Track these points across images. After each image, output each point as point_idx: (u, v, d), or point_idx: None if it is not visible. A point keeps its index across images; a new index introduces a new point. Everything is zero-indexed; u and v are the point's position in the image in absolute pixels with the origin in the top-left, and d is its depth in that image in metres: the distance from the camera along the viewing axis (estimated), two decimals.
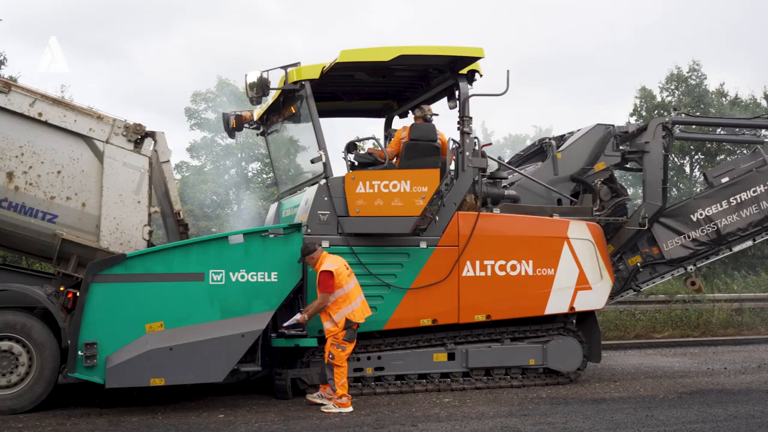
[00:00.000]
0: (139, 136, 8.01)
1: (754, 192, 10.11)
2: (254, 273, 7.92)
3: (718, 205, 10.16)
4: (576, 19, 69.81)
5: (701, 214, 10.18)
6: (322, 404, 7.91)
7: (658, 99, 26.92)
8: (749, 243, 10.30)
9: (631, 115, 26.56)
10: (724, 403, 8.25)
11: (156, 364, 7.49)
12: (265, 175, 25.47)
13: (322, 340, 8.31)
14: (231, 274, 7.84)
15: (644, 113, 26.26)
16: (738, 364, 11.42)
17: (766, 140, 10.73)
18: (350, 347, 7.93)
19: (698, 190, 17.37)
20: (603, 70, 62.52)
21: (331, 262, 7.86)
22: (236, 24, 63.31)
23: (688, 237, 10.19)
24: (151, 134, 8.22)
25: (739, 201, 10.12)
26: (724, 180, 10.30)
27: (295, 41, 63.11)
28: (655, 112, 24.75)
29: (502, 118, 59.63)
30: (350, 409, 7.79)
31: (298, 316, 8.00)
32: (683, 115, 11.60)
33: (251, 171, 28.27)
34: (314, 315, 7.95)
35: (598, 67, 63.49)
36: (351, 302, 7.88)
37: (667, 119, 10.26)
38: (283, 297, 8.05)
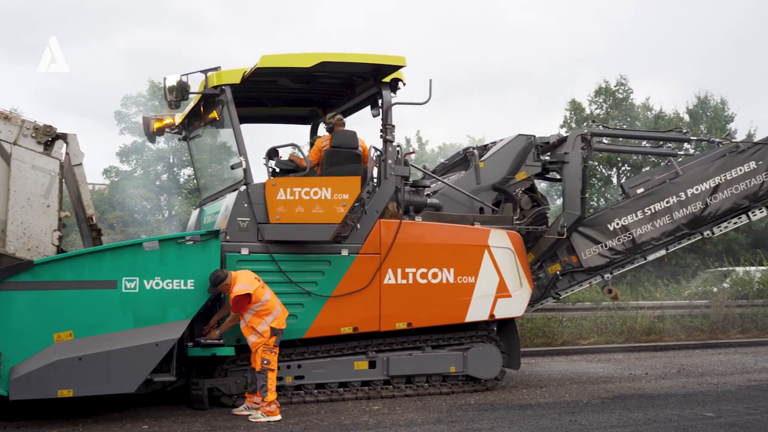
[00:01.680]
0: (49, 138, 7.76)
1: (667, 203, 10.42)
2: (170, 280, 7.76)
3: (633, 215, 10.44)
4: (511, 34, 71.36)
5: (618, 224, 10.44)
6: (249, 414, 7.81)
7: (587, 111, 27.63)
8: (663, 252, 10.59)
9: (562, 126, 27.21)
10: (644, 407, 8.47)
11: (64, 375, 7.23)
12: (202, 181, 25.00)
13: (240, 349, 8.20)
14: (145, 281, 7.66)
15: (574, 125, 26.92)
16: (659, 370, 11.76)
17: (679, 153, 11.07)
18: (277, 350, 7.95)
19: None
20: (537, 83, 63.95)
21: (244, 282, 7.76)
22: (176, 29, 62.21)
23: (605, 246, 10.44)
24: (63, 136, 7.97)
25: (653, 211, 10.42)
26: (640, 191, 10.59)
27: (237, 47, 62.40)
28: (584, 124, 25.41)
29: (436, 127, 60.30)
30: (279, 417, 7.72)
31: (213, 333, 8.03)
32: (601, 126, 11.89)
33: (183, 176, 27.80)
34: (227, 331, 7.98)
35: (533, 80, 64.97)
36: (272, 311, 7.84)
37: (585, 131, 10.51)
38: (200, 305, 7.90)
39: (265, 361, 7.76)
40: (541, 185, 21.38)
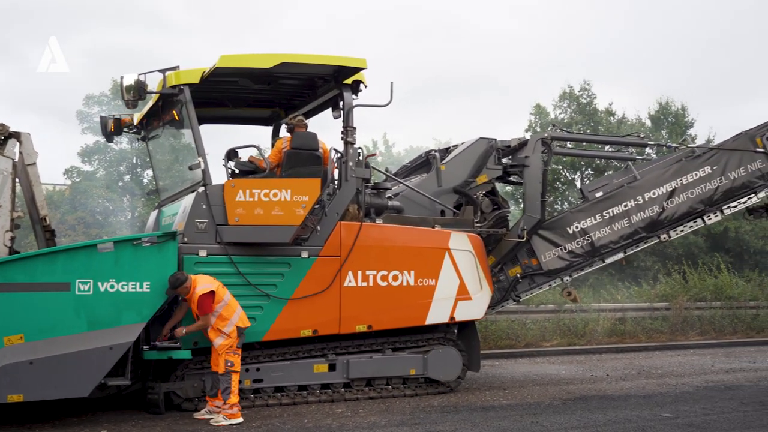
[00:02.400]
0: (2, 137, 7.62)
1: (625, 206, 10.52)
2: (125, 283, 7.65)
3: (592, 218, 10.52)
4: (479, 40, 71.86)
5: (577, 227, 10.52)
6: (211, 418, 7.73)
7: (552, 116, 27.89)
8: (620, 255, 10.68)
9: (527, 130, 27.39)
10: (605, 408, 8.58)
11: (14, 380, 7.09)
12: (161, 182, 24.67)
13: (197, 352, 8.11)
14: (99, 283, 7.54)
15: (538, 129, 27.15)
16: (619, 371, 11.90)
17: (638, 157, 11.21)
18: (240, 351, 7.89)
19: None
20: (503, 88, 64.53)
21: (205, 282, 7.72)
22: (142, 29, 61.36)
23: (565, 249, 10.50)
24: (16, 135, 7.83)
25: (611, 215, 10.51)
26: (599, 194, 10.68)
27: (204, 48, 61.85)
28: (549, 128, 25.54)
29: (404, 130, 60.50)
30: (240, 419, 7.67)
31: (179, 330, 7.90)
32: (561, 131, 11.99)
33: (147, 177, 27.37)
34: (195, 332, 7.91)
35: (499, 85, 65.58)
36: (235, 310, 7.81)
37: (546, 135, 10.60)
38: (156, 308, 7.80)
39: (229, 363, 7.71)
40: (507, 189, 21.61)
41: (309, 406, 8.58)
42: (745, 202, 10.74)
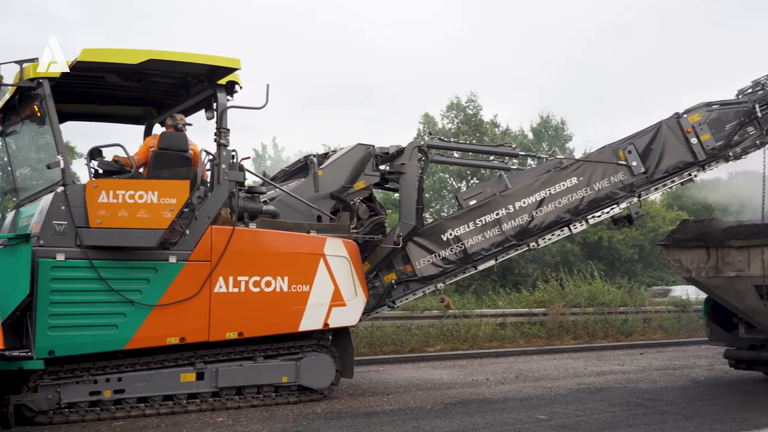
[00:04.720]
0: None
1: (497, 215, 10.77)
2: None
3: (465, 226, 10.69)
4: (374, 51, 72.60)
5: (451, 234, 10.67)
6: None
7: (440, 125, 28.51)
8: (492, 262, 10.92)
9: (416, 138, 27.83)
10: (484, 411, 8.71)
11: None
12: (35, 182, 23.25)
13: (50, 362, 7.64)
14: None
15: (427, 138, 27.63)
16: (499, 375, 12.17)
17: (511, 168, 11.53)
18: None
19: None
20: (395, 98, 65.49)
21: None
22: (19, 24, 57.89)
23: (439, 256, 10.63)
24: None
25: (483, 223, 10.73)
26: (472, 203, 10.86)
27: (89, 44, 58.80)
28: (425, 136, 26.01)
29: (295, 135, 60.08)
30: None
31: None
32: (438, 139, 12.16)
33: (20, 176, 25.79)
34: None
35: (392, 95, 66.46)
36: None
37: (422, 143, 10.75)
38: (6, 315, 7.32)
39: None
40: (395, 196, 21.81)
41: (189, 416, 8.31)
42: (608, 212, 11.15)
